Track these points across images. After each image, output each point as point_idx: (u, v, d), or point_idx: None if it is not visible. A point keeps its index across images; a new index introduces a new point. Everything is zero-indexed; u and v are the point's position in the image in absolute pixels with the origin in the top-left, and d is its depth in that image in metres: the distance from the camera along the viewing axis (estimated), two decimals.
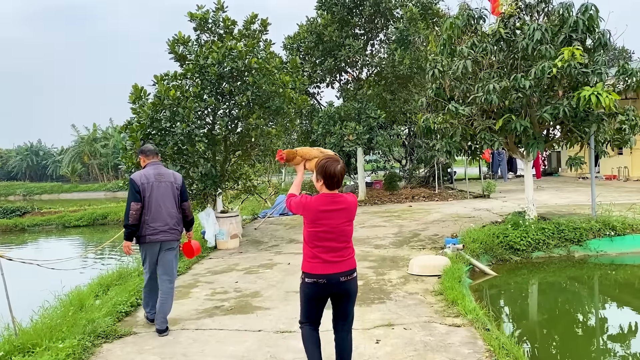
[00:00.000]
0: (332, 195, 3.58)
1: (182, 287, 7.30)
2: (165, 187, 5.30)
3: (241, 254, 9.44)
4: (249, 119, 9.63)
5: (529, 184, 10.25)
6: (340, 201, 3.58)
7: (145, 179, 5.25)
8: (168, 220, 5.29)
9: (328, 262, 3.53)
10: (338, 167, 3.55)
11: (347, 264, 3.61)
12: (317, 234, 3.55)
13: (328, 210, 3.55)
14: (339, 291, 3.61)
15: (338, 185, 3.59)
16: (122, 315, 5.96)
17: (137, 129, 9.40)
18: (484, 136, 8.96)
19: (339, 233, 3.56)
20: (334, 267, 3.54)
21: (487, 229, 9.25)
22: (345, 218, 3.59)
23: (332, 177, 3.54)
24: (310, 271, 3.57)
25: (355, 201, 3.72)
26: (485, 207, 13.86)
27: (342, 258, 3.58)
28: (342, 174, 3.58)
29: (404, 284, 6.76)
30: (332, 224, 3.54)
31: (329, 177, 3.54)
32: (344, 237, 3.59)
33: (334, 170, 3.53)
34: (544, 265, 8.55)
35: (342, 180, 3.61)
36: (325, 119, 16.36)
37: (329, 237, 3.54)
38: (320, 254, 3.54)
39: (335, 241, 3.55)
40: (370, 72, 18.17)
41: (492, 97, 8.47)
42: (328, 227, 3.54)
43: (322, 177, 3.57)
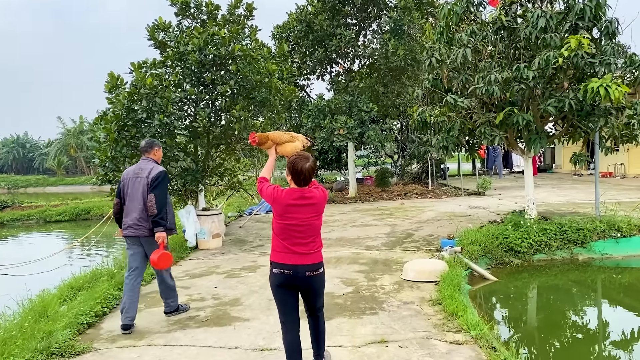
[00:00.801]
0: (302, 190, 3.62)
1: (155, 293, 6.65)
2: (139, 182, 5.25)
3: (223, 255, 8.81)
4: (233, 110, 8.98)
5: (529, 181, 9.69)
6: (309, 196, 3.62)
7: (126, 175, 5.39)
8: (134, 215, 5.24)
9: (295, 254, 3.60)
10: (306, 165, 3.59)
11: (313, 257, 3.65)
12: (286, 227, 3.61)
13: (297, 204, 3.60)
14: (305, 286, 3.69)
15: (306, 183, 3.63)
16: (84, 328, 5.32)
17: (112, 119, 8.74)
18: (484, 130, 8.38)
19: (307, 227, 3.61)
20: (301, 259, 3.60)
21: (485, 230, 8.68)
22: (314, 212, 3.64)
23: (299, 174, 3.59)
24: (278, 261, 3.64)
25: (325, 196, 3.75)
26: (481, 205, 13.31)
27: (309, 251, 3.63)
28: (310, 171, 3.61)
29: (398, 292, 6.17)
30: (300, 218, 3.59)
31: (296, 174, 3.60)
32: (311, 231, 3.64)
33: (301, 167, 3.58)
34: (546, 268, 8.01)
35: (310, 177, 3.65)
36: (315, 112, 15.72)
37: (296, 230, 3.60)
38: (288, 246, 3.61)
39: (302, 234, 3.61)
40: (362, 63, 17.53)
41: (493, 88, 7.88)
42: (296, 221, 3.59)
43: (290, 173, 3.64)
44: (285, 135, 4.20)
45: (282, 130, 4.65)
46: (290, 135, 4.23)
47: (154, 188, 5.15)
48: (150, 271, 7.38)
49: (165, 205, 5.22)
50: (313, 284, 3.69)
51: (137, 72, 8.92)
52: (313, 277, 3.65)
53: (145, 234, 5.24)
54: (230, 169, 11.58)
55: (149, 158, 5.43)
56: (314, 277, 3.66)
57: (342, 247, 8.87)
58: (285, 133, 4.25)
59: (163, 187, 5.24)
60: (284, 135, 4.20)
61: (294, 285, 3.67)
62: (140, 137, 8.61)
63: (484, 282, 7.19)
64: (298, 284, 3.66)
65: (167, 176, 5.37)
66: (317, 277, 3.68)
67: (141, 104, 8.64)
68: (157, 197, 5.14)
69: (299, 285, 3.66)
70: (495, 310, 6.52)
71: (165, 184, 5.30)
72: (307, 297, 3.79)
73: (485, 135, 8.40)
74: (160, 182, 5.21)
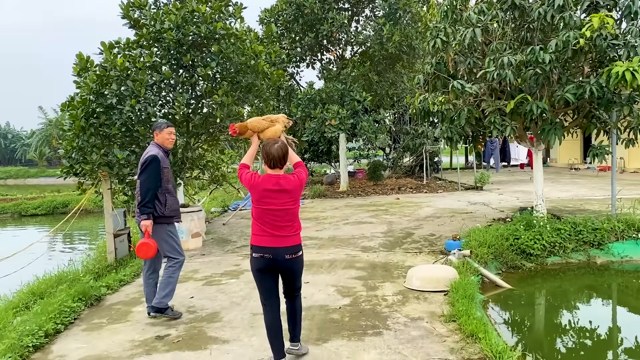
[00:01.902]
0: (277, 176, 3.74)
1: (122, 304, 5.77)
2: (139, 168, 5.10)
3: (203, 257, 7.91)
4: (214, 95, 8.06)
5: (539, 177, 8.92)
6: (283, 183, 3.73)
7: None
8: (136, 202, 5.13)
9: (274, 237, 3.71)
10: (274, 146, 3.73)
11: (292, 240, 3.77)
12: (264, 211, 3.73)
13: (272, 190, 3.71)
14: (285, 268, 3.78)
15: (277, 165, 3.75)
16: (28, 352, 4.42)
17: (79, 105, 7.77)
18: (494, 120, 7.55)
19: (284, 211, 3.73)
20: (279, 242, 3.71)
21: (493, 230, 7.88)
22: (289, 198, 3.75)
23: (268, 156, 3.73)
24: (258, 244, 3.75)
25: (300, 183, 3.81)
26: (481, 201, 12.54)
27: (287, 234, 3.74)
28: (279, 153, 3.72)
29: (402, 304, 5.33)
30: (277, 203, 3.71)
31: (266, 156, 3.74)
32: (289, 216, 3.75)
33: (269, 149, 3.73)
34: (562, 273, 7.24)
35: (282, 160, 3.75)
36: (305, 102, 14.82)
37: (274, 214, 3.71)
38: (267, 229, 3.72)
39: (280, 218, 3.72)
40: (354, 51, 16.62)
41: (506, 72, 7.05)
42: (273, 206, 3.71)
43: (262, 158, 3.78)
44: (264, 122, 4.18)
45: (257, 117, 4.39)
46: (269, 120, 4.21)
47: (140, 173, 4.98)
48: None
49: (152, 192, 4.95)
50: (292, 266, 3.79)
51: (107, 53, 7.96)
52: (292, 260, 3.76)
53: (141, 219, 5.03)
54: (213, 161, 10.66)
55: (154, 142, 5.24)
56: (293, 260, 3.76)
57: (335, 249, 8.02)
58: (263, 118, 4.21)
59: (150, 172, 4.95)
60: (262, 122, 4.18)
61: (274, 268, 3.77)
62: (110, 124, 7.68)
63: (496, 289, 6.40)
64: (278, 267, 3.76)
65: (155, 159, 4.99)
66: (296, 259, 3.79)
67: (111, 88, 7.68)
68: (142, 183, 4.93)
69: (279, 268, 3.77)
70: (512, 325, 5.71)
71: (154, 169, 4.97)
72: (286, 279, 3.88)
73: (495, 125, 7.57)
74: (146, 167, 4.95)
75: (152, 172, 4.95)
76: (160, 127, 5.25)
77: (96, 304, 5.84)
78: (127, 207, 8.96)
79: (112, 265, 7.70)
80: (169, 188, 5.17)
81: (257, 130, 4.14)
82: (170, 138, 5.30)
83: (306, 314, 5.08)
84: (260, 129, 4.14)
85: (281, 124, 4.21)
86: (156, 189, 4.98)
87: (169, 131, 5.28)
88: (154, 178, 4.97)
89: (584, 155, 24.15)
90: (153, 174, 4.96)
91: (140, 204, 4.90)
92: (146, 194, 4.89)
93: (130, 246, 8.38)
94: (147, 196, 4.89)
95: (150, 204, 4.92)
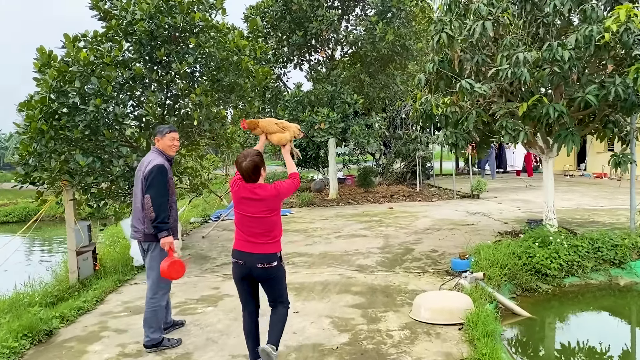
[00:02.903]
0: (252, 186, 3.74)
1: (76, 341, 4.84)
2: (138, 177, 4.61)
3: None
4: (192, 95, 7.16)
5: (550, 187, 8.19)
6: (257, 192, 3.72)
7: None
8: (134, 215, 4.67)
9: (249, 242, 3.74)
10: (243, 163, 3.69)
11: (266, 248, 3.71)
12: (241, 217, 3.79)
13: (247, 198, 3.74)
14: (259, 278, 3.79)
15: (251, 180, 3.73)
16: None
17: (37, 105, 6.82)
18: (506, 124, 6.75)
19: (259, 220, 3.72)
20: (253, 248, 3.73)
21: (504, 247, 7.06)
22: (264, 207, 3.72)
23: (240, 171, 3.73)
24: (236, 248, 3.82)
25: (277, 192, 3.74)
26: (481, 211, 11.76)
27: (261, 241, 3.73)
28: (248, 168, 3.67)
29: (411, 342, 4.47)
30: (251, 211, 3.74)
31: (239, 171, 3.75)
32: (263, 226, 3.73)
33: (239, 163, 3.72)
34: (582, 295, 6.45)
35: (251, 175, 3.71)
36: (293, 104, 13.95)
37: (250, 221, 3.74)
38: (244, 235, 3.77)
39: (255, 226, 3.73)
40: (344, 51, 15.79)
41: (522, 70, 6.26)
42: (248, 213, 3.75)
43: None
44: (274, 126, 4.12)
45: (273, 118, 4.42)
46: (281, 126, 4.13)
47: (148, 187, 4.42)
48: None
49: (165, 205, 4.45)
50: (264, 275, 3.75)
51: (70, 46, 7.02)
52: (265, 270, 3.71)
53: (140, 238, 4.58)
54: (193, 167, 9.74)
55: (155, 148, 4.72)
56: (265, 270, 3.71)
57: (328, 268, 7.15)
58: (275, 123, 4.13)
59: (159, 184, 4.44)
60: (274, 125, 4.13)
61: (249, 276, 3.79)
62: (72, 127, 6.74)
63: (513, 317, 5.57)
64: (253, 275, 3.76)
65: (162, 170, 4.48)
66: (269, 269, 3.72)
67: (73, 86, 6.75)
68: (154, 198, 4.38)
69: (253, 276, 3.78)
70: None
71: (162, 180, 4.46)
72: (264, 288, 3.87)
73: (507, 130, 6.78)
74: (153, 179, 4.42)
75: (160, 183, 4.44)
76: (162, 132, 4.70)
77: (45, 340, 4.91)
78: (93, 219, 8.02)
79: (74, 286, 6.75)
80: (173, 201, 4.70)
81: (265, 131, 4.12)
82: (174, 145, 4.75)
83: (297, 357, 4.20)
84: (269, 131, 4.12)
85: (290, 133, 4.13)
86: (167, 203, 4.49)
87: (172, 137, 4.72)
88: (164, 190, 4.47)
89: (577, 161, 23.62)
90: (162, 186, 4.46)
91: (156, 221, 4.35)
92: (159, 209, 4.36)
93: (96, 264, 7.43)
94: (162, 211, 4.38)
95: (167, 218, 4.42)
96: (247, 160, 3.66)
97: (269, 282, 3.81)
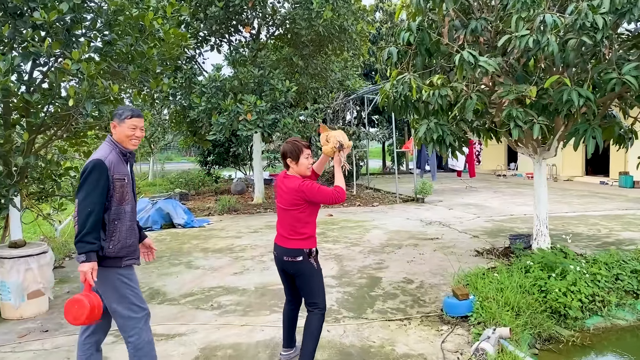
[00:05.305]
0: (285, 176, 3.68)
1: None
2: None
3: (43, 339, 4.53)
4: (65, 61, 4.74)
5: (542, 195, 6.60)
6: (285, 183, 3.64)
7: None
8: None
9: (278, 234, 3.71)
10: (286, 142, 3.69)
11: (291, 243, 3.60)
12: (277, 208, 3.76)
13: (278, 187, 3.72)
14: (287, 270, 3.70)
15: (285, 165, 3.69)
16: None
17: None
18: (515, 114, 4.98)
19: (284, 213, 3.65)
20: (281, 241, 3.67)
21: (505, 277, 5.31)
22: (288, 200, 3.59)
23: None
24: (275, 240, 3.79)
25: (298, 189, 3.53)
26: (436, 220, 10.12)
27: (287, 235, 3.62)
28: (284, 151, 3.63)
29: None
30: (279, 202, 3.70)
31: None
32: (288, 219, 3.62)
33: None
34: (614, 344, 4.83)
35: (283, 160, 3.67)
36: (211, 90, 11.57)
37: (279, 212, 3.72)
38: (277, 225, 3.75)
39: (282, 219, 3.68)
40: (272, 32, 13.57)
41: (547, 39, 4.51)
42: (278, 203, 3.72)
43: None
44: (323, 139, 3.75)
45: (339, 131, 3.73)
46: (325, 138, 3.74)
47: (77, 190, 3.17)
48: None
49: (91, 215, 3.04)
50: (292, 269, 3.64)
51: None
52: (290, 263, 3.61)
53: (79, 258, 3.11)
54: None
55: (108, 137, 3.40)
56: (291, 263, 3.61)
57: (272, 314, 5.01)
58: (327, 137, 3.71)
59: (89, 186, 3.09)
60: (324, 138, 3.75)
61: (282, 269, 3.75)
62: None
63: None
64: (282, 267, 3.72)
65: (99, 168, 3.13)
66: (294, 263, 3.60)
67: None
68: (79, 205, 3.09)
69: (282, 267, 3.72)
70: None
71: (96, 182, 3.10)
72: (296, 283, 3.73)
73: (516, 122, 5.02)
74: (84, 180, 3.12)
75: (93, 186, 3.11)
76: (120, 116, 3.36)
77: None
78: None
79: None
80: (123, 212, 3.27)
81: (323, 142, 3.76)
82: (135, 135, 3.39)
83: None
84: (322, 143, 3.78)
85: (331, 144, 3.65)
86: (101, 213, 3.13)
87: (133, 124, 3.36)
88: (98, 195, 3.13)
89: (507, 160, 23.11)
90: (95, 190, 3.12)
91: (78, 238, 3.07)
92: (85, 220, 3.05)
93: None
94: (87, 224, 3.04)
95: (91, 236, 3.07)
96: (289, 141, 3.65)
97: (298, 278, 3.67)
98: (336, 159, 3.70)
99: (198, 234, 9.36)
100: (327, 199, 3.54)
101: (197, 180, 17.20)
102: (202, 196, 15.66)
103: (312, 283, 3.66)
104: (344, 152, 3.68)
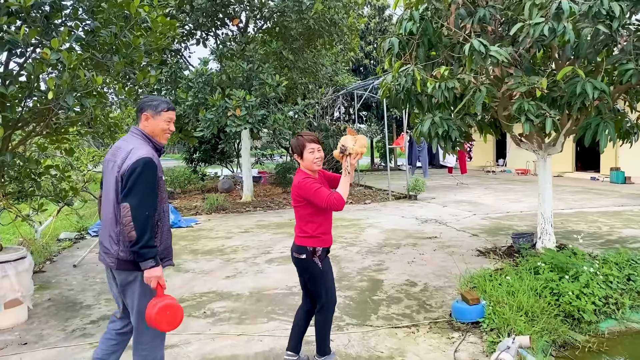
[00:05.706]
0: (297, 170, 3.59)
1: None
2: (111, 172, 2.95)
3: (21, 353, 4.16)
4: (44, 50, 4.36)
5: (547, 193, 6.38)
6: (294, 178, 3.55)
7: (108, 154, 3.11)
8: (103, 228, 3.03)
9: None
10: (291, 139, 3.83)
11: (296, 239, 3.56)
12: None
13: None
14: (295, 265, 3.62)
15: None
16: None
17: None
18: (527, 107, 4.72)
19: (294, 208, 3.58)
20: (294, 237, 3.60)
21: (515, 279, 5.07)
22: (292, 196, 3.55)
23: None
24: None
25: (296, 184, 3.45)
26: (432, 217, 9.87)
27: (295, 231, 3.58)
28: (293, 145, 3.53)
29: None
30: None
31: None
32: (296, 215, 3.58)
33: None
34: (629, 349, 4.60)
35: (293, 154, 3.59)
36: (198, 84, 11.17)
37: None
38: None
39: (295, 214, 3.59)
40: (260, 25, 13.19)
41: (563, 26, 4.24)
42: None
43: None
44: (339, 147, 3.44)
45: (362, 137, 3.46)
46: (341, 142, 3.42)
47: (127, 192, 2.78)
48: None
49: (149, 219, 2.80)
50: (299, 266, 3.58)
51: None
52: (297, 259, 3.55)
53: (113, 264, 2.94)
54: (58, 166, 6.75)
55: (136, 130, 3.07)
56: (297, 259, 3.54)
57: (270, 322, 4.69)
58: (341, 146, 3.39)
59: (145, 188, 2.80)
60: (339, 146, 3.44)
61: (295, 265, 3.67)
62: None
63: None
64: (294, 264, 3.62)
65: (150, 166, 2.83)
66: (298, 259, 3.53)
67: None
68: (135, 208, 2.76)
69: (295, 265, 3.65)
70: None
71: (149, 182, 2.82)
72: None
73: (527, 116, 4.75)
74: (137, 179, 2.78)
75: (148, 187, 2.83)
76: (155, 108, 3.05)
77: None
78: None
79: None
80: (163, 212, 3.02)
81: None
82: (170, 128, 3.15)
83: None
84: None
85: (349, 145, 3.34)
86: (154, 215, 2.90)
87: (170, 117, 3.11)
88: (154, 197, 2.89)
89: (496, 157, 23.01)
90: (151, 192, 2.86)
91: (138, 245, 2.74)
92: (143, 225, 2.75)
93: None
94: (147, 230, 2.76)
95: (153, 240, 2.81)
96: (304, 134, 3.53)
97: (302, 277, 3.62)
98: (344, 165, 3.43)
99: (186, 234, 8.99)
100: (321, 203, 3.32)
101: (183, 178, 16.76)
102: (189, 194, 15.25)
103: (318, 281, 3.55)
104: (350, 158, 3.33)
